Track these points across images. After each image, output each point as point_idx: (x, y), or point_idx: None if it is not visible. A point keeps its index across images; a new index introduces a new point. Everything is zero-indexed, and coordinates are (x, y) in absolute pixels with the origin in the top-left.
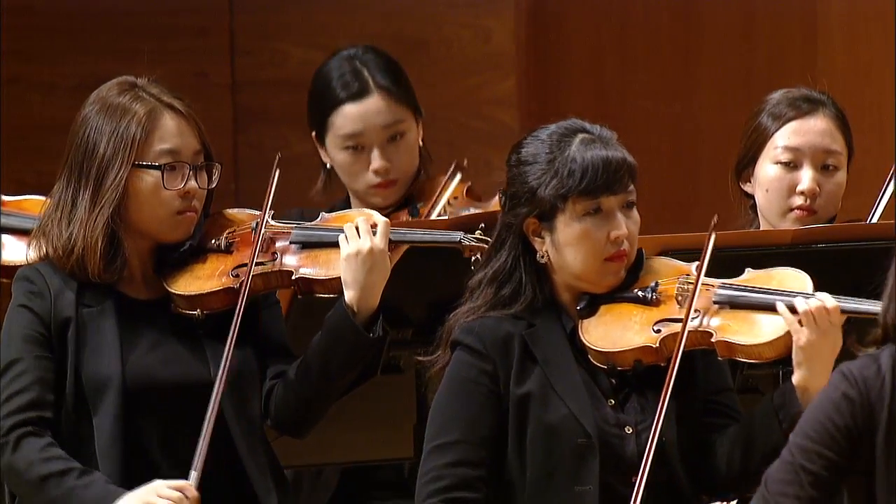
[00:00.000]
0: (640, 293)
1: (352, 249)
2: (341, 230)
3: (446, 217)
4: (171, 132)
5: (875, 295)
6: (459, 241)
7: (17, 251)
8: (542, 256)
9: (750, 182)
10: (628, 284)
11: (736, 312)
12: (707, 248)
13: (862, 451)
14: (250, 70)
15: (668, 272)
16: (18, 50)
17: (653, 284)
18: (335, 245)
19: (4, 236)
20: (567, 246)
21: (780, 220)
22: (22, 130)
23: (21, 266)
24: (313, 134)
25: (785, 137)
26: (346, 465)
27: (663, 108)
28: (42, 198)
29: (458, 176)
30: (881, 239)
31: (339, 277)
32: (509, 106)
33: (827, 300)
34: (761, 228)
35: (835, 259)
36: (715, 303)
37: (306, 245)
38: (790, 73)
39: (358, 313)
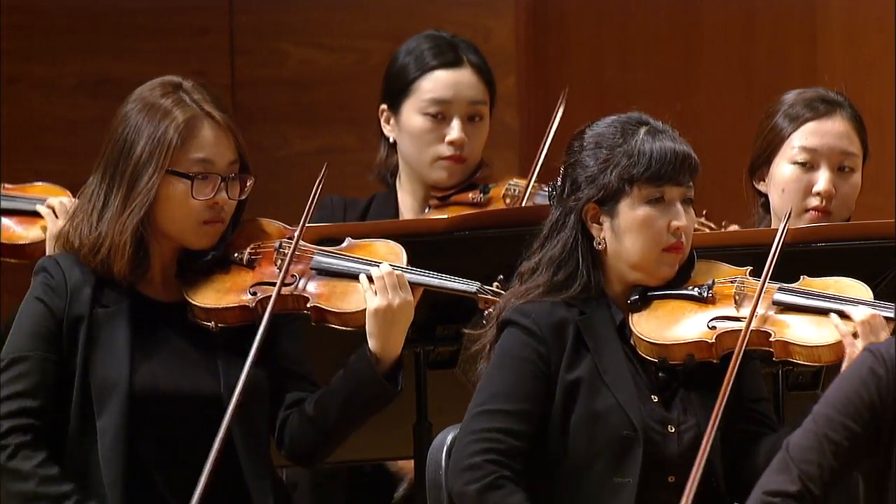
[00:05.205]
0: (695, 290)
1: (380, 304)
2: (363, 262)
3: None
4: (207, 142)
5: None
6: (476, 293)
7: (20, 231)
8: (600, 243)
9: (764, 181)
10: (680, 282)
11: (794, 316)
12: (776, 249)
13: (882, 427)
14: (250, 70)
15: (723, 273)
16: (18, 50)
17: (709, 283)
18: (354, 278)
19: (5, 219)
20: (627, 232)
21: (794, 221)
22: (22, 130)
23: (25, 246)
24: (384, 106)
25: (802, 138)
26: (346, 464)
27: (663, 108)
28: (45, 184)
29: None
30: (881, 239)
31: (354, 313)
32: (509, 105)
33: (883, 311)
34: (772, 227)
35: (835, 258)
36: (774, 304)
37: (326, 273)
38: (790, 73)
39: (381, 362)
